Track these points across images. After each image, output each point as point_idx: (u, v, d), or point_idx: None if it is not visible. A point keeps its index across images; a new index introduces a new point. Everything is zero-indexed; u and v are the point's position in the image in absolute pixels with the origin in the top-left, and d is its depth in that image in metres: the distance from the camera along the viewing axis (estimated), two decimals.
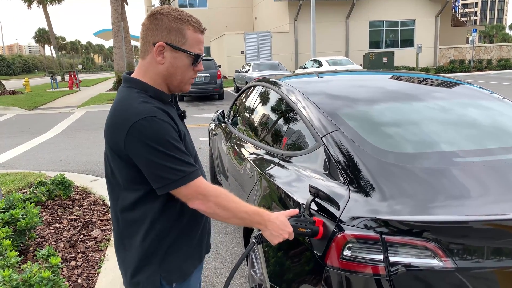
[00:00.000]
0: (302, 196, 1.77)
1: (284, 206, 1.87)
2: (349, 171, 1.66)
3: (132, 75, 1.34)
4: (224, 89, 16.19)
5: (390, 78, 2.66)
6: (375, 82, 2.55)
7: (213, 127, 4.36)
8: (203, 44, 1.34)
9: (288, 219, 1.44)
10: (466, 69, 26.86)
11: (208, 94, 15.72)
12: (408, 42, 30.84)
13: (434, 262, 1.37)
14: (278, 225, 1.38)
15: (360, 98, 2.18)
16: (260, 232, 1.43)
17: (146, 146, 1.18)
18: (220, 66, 16.74)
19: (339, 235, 1.46)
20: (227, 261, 3.15)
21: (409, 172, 1.59)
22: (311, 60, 19.89)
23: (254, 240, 1.45)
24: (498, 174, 1.58)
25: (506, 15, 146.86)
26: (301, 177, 1.89)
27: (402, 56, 29.67)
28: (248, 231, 2.38)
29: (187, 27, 1.29)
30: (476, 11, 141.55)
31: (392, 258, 1.39)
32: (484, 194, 1.49)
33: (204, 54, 1.35)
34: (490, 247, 1.38)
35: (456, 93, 2.38)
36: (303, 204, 1.70)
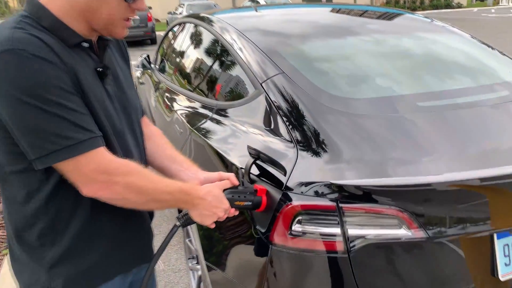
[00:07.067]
0: (240, 158, 1.44)
1: None
2: (296, 126, 1.34)
3: None
4: (157, 33, 15.04)
5: (332, 11, 2.32)
6: (322, 16, 2.20)
7: (139, 75, 3.83)
8: None
9: (224, 191, 1.12)
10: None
11: (139, 39, 14.55)
12: None
13: (402, 232, 1.13)
14: (210, 202, 1.06)
15: (307, 34, 1.83)
16: (186, 211, 1.11)
17: (8, 95, 0.81)
18: (150, 8, 15.50)
19: (286, 206, 1.18)
20: (162, 227, 2.83)
21: (368, 123, 1.30)
22: (249, 0, 19.04)
23: (177, 223, 1.12)
24: (466, 120, 1.35)
25: None
26: (238, 134, 1.55)
27: None
28: None
29: None
30: None
31: (352, 231, 1.13)
32: (454, 147, 1.24)
33: None
34: (463, 211, 1.16)
35: (408, 26, 2.10)
36: (241, 168, 1.37)
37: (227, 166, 1.48)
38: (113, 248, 1.05)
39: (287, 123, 1.37)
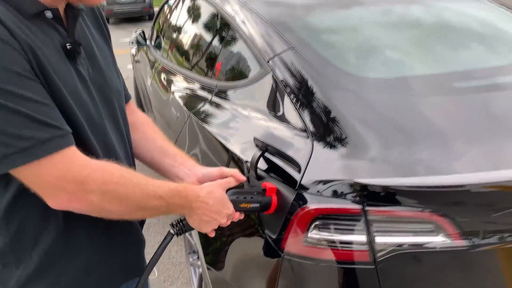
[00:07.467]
0: (244, 148, 1.24)
1: (221, 165, 1.33)
2: (310, 112, 1.14)
3: None
4: (155, 8, 14.67)
5: None
6: None
7: (134, 52, 3.59)
8: None
9: (227, 192, 0.94)
10: None
11: (137, 15, 14.17)
12: None
13: (439, 240, 0.95)
14: (211, 206, 0.88)
15: (321, 1, 1.60)
16: (182, 217, 0.92)
17: None
18: None
19: (301, 210, 0.99)
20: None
21: (398, 109, 1.10)
22: None
23: (172, 231, 0.94)
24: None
25: None
26: (241, 120, 1.35)
27: None
28: None
29: None
30: None
31: (380, 239, 0.95)
32: (504, 138, 1.04)
33: None
34: None
35: None
36: (247, 161, 1.17)
37: (230, 157, 1.28)
38: (95, 263, 0.87)
39: (299, 108, 1.17)
